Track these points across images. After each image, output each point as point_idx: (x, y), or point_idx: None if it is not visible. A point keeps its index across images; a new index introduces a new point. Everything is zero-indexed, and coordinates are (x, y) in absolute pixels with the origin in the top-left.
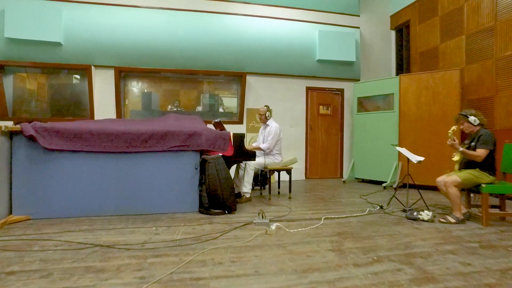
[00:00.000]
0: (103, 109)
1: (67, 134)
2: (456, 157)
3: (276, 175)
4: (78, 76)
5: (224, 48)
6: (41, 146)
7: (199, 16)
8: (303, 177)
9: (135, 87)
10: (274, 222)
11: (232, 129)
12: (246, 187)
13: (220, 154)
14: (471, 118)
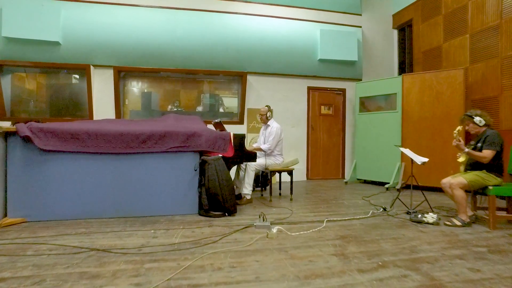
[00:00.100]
0: (102, 109)
1: (63, 134)
2: (461, 158)
3: (277, 176)
4: (77, 76)
5: (225, 48)
6: (37, 147)
7: (199, 15)
8: (305, 178)
9: (135, 87)
10: (275, 225)
11: (233, 130)
12: (246, 188)
13: (220, 155)
14: (477, 119)
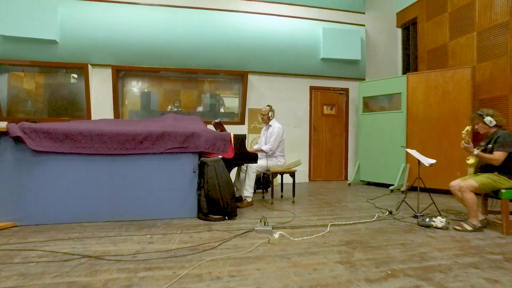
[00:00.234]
0: (101, 109)
1: (56, 135)
2: (471, 160)
3: (278, 177)
4: (76, 76)
5: (225, 47)
6: (29, 148)
7: (199, 13)
8: (307, 179)
9: (134, 86)
10: (277, 229)
11: (233, 130)
12: (247, 190)
13: (220, 157)
14: (487, 119)
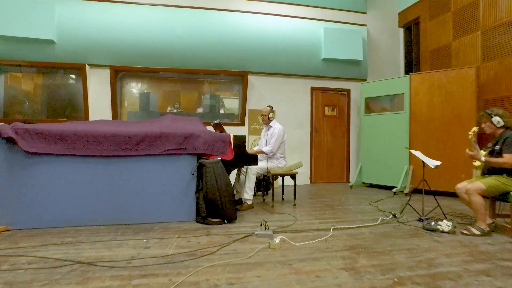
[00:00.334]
0: (99, 110)
1: (50, 136)
2: (477, 161)
3: (279, 179)
4: (74, 76)
5: (225, 47)
6: (21, 149)
7: (198, 13)
8: (308, 181)
9: (133, 87)
10: (278, 233)
11: (234, 131)
12: (247, 193)
13: (219, 158)
14: (495, 119)
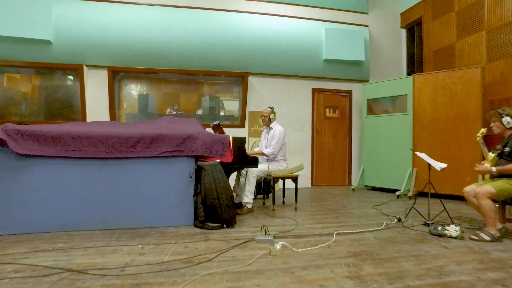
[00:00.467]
0: (96, 112)
1: (43, 137)
2: (486, 164)
3: (280, 182)
4: (72, 77)
5: (225, 48)
6: (12, 151)
7: (197, 13)
8: (309, 184)
9: (131, 88)
10: (279, 238)
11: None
12: (247, 196)
13: (218, 161)
14: (505, 119)
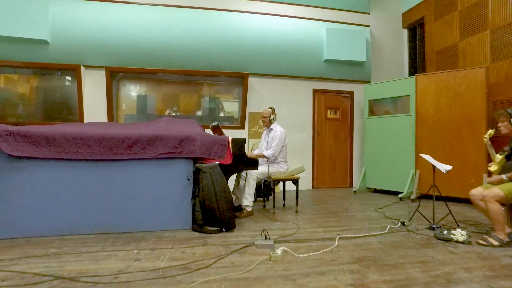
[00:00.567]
0: (94, 113)
1: (36, 138)
2: (493, 166)
3: (281, 184)
4: (70, 78)
5: (225, 48)
6: (4, 153)
7: (197, 13)
8: (310, 186)
9: (129, 89)
10: (279, 243)
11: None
12: (247, 199)
13: (217, 163)
14: None
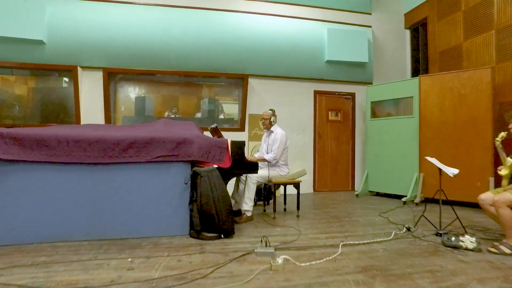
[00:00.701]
0: (91, 114)
1: (27, 141)
2: (503, 170)
3: (281, 188)
4: (67, 79)
5: (224, 49)
6: None
7: (196, 13)
8: (311, 190)
9: (127, 91)
10: (280, 250)
11: (233, 137)
12: (247, 204)
13: (215, 166)
14: None
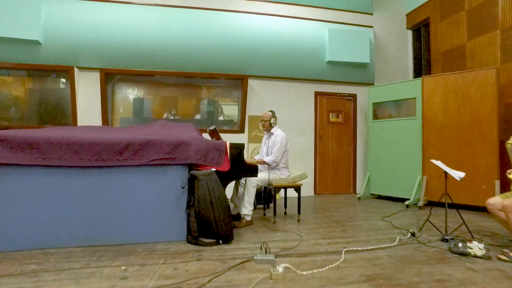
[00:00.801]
0: (88, 116)
1: (18, 143)
2: None
3: (282, 191)
4: (64, 80)
5: (224, 49)
6: None
7: (195, 13)
8: (312, 192)
9: (125, 92)
10: (280, 257)
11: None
12: (246, 208)
13: (214, 169)
14: None
